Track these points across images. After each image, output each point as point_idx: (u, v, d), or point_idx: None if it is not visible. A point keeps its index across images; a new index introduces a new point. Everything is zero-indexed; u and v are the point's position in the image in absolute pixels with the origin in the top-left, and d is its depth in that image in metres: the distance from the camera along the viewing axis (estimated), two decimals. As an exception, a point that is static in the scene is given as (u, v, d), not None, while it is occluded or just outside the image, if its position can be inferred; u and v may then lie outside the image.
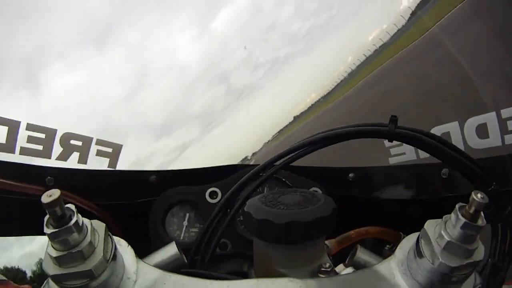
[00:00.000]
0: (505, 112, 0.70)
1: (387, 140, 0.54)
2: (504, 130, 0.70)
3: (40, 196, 0.29)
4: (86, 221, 0.34)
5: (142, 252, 0.50)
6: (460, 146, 0.71)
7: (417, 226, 0.37)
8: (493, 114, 0.71)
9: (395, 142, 0.57)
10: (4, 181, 0.62)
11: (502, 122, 0.70)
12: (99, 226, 0.35)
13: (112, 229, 0.74)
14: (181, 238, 0.79)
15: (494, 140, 0.70)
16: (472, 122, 0.74)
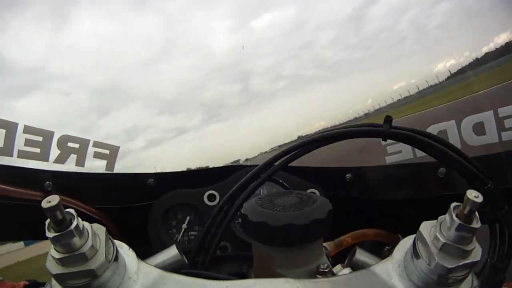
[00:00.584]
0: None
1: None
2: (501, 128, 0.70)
3: (40, 201, 0.30)
4: (87, 224, 0.34)
5: (142, 255, 0.50)
6: (457, 143, 0.71)
7: (415, 225, 0.37)
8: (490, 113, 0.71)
9: (391, 141, 0.58)
10: (3, 187, 0.62)
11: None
12: (100, 229, 0.36)
13: (112, 233, 0.75)
14: (180, 240, 0.79)
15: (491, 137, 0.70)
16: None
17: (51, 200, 0.30)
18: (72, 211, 0.32)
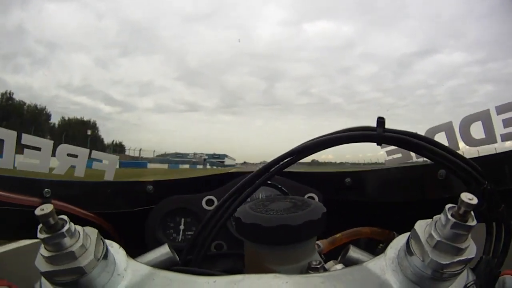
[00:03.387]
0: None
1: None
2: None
3: (37, 207, 0.31)
4: (79, 228, 0.35)
5: (138, 256, 0.50)
6: (454, 145, 0.70)
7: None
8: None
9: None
10: (1, 193, 0.63)
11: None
12: (91, 231, 0.36)
13: (111, 237, 0.75)
14: (178, 240, 0.79)
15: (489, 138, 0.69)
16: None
17: (44, 208, 0.31)
18: (64, 217, 0.33)
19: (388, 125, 0.51)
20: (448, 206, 0.33)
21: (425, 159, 0.56)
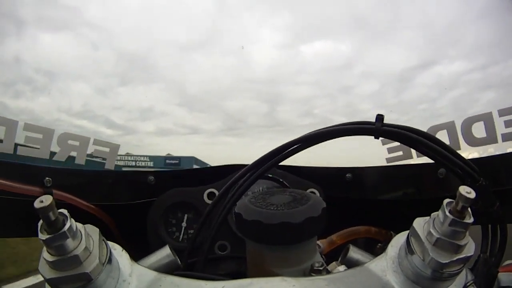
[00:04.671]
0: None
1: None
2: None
3: (38, 197, 0.30)
4: (80, 225, 0.34)
5: (140, 252, 0.50)
6: (456, 144, 0.70)
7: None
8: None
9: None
10: (1, 181, 0.62)
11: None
12: (93, 231, 0.35)
13: (111, 230, 0.75)
14: (180, 239, 0.79)
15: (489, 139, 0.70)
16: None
17: (44, 200, 0.29)
18: (65, 211, 0.32)
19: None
20: (446, 201, 0.34)
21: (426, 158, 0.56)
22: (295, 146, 0.54)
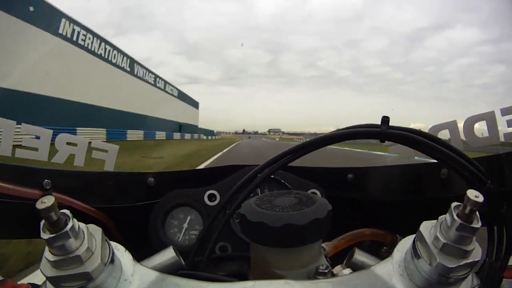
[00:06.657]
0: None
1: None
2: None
3: (37, 200, 0.30)
4: (82, 225, 0.34)
5: (142, 255, 0.50)
6: (459, 144, 0.70)
7: (416, 226, 0.37)
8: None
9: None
10: (0, 184, 0.61)
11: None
12: (96, 230, 0.35)
13: (112, 233, 0.74)
14: (181, 241, 0.79)
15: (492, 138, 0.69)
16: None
17: (46, 201, 0.30)
18: (67, 211, 0.32)
19: (395, 98, 0.50)
20: (453, 204, 0.33)
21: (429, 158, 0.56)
22: (304, 149, 0.54)
